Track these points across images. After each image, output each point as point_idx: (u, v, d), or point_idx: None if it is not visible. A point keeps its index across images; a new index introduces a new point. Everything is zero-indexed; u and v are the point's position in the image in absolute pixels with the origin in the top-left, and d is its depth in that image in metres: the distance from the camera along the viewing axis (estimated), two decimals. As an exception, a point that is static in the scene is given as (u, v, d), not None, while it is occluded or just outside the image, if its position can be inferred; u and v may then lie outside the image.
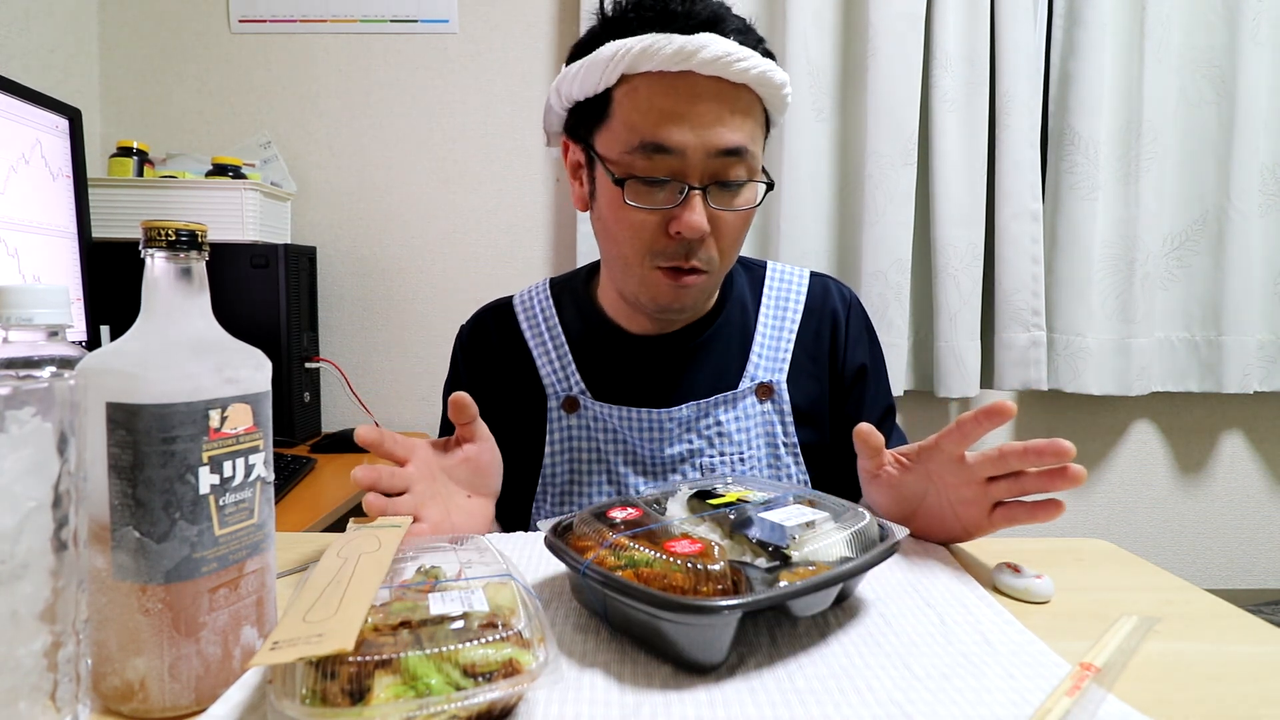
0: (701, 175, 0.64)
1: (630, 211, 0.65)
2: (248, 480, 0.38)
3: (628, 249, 0.67)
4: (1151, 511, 1.59)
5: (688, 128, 0.62)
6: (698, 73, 0.61)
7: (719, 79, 0.62)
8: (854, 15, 1.44)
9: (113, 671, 0.36)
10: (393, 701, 0.31)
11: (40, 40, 1.34)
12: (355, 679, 0.32)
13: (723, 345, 0.76)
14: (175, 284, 0.38)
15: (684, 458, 0.73)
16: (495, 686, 0.33)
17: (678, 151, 0.62)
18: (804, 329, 0.77)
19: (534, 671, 0.34)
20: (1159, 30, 1.42)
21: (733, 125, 0.63)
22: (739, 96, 0.64)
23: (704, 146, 0.62)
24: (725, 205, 0.65)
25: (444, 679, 0.32)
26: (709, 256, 0.67)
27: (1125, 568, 0.59)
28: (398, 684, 0.32)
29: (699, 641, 0.40)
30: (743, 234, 0.69)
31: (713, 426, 0.73)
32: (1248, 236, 1.45)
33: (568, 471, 0.75)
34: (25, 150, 0.94)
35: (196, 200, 1.29)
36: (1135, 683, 0.40)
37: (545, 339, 0.77)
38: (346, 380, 1.52)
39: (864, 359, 0.79)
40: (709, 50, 0.60)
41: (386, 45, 1.51)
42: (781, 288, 0.79)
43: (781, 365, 0.76)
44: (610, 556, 0.43)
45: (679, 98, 0.62)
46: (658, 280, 0.67)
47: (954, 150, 1.41)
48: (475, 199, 1.53)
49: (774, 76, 0.64)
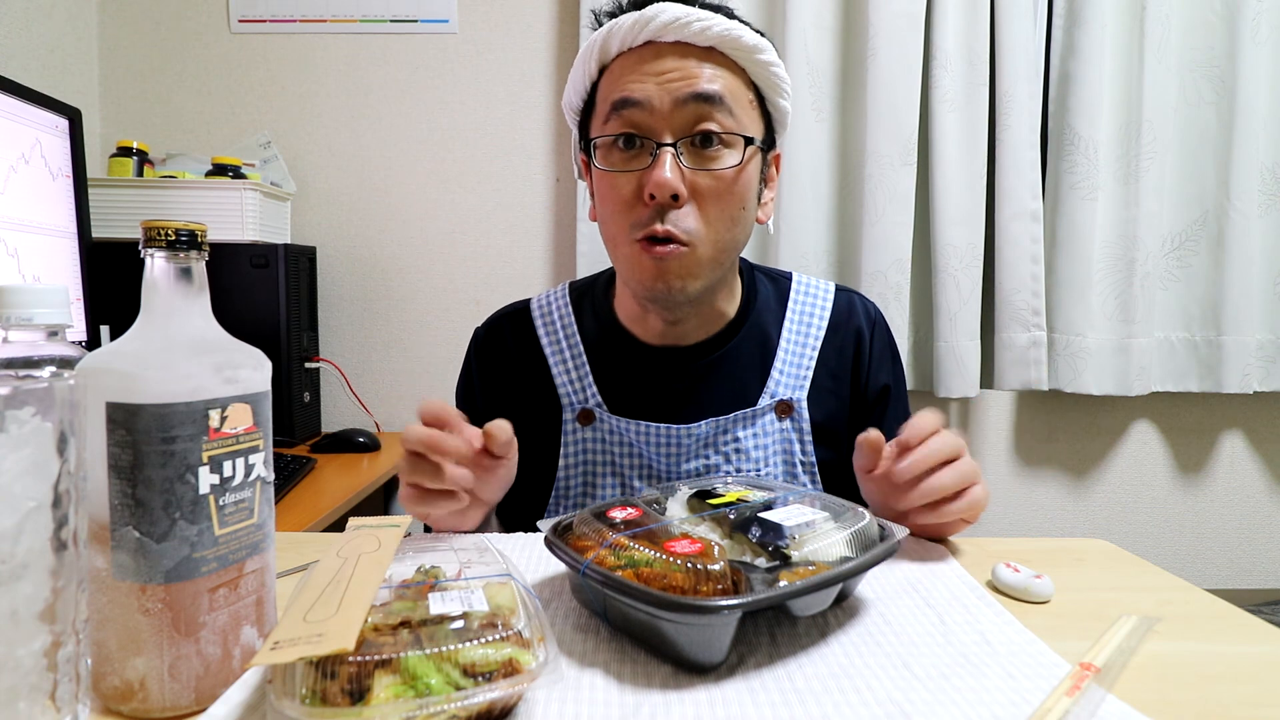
0: (672, 129, 0.62)
1: (610, 183, 0.65)
2: (248, 480, 0.38)
3: (613, 225, 0.66)
4: (1151, 511, 1.59)
5: (651, 82, 0.62)
6: (660, 40, 0.63)
7: (684, 43, 0.63)
8: (854, 15, 1.44)
9: (112, 671, 0.36)
10: (392, 701, 0.31)
11: (40, 40, 1.34)
12: (355, 679, 0.32)
13: (744, 360, 0.74)
14: (175, 284, 0.38)
15: (700, 473, 0.72)
16: (495, 686, 0.33)
17: (642, 103, 0.62)
18: (827, 345, 0.75)
19: (534, 671, 0.34)
20: (1159, 30, 1.42)
21: (704, 77, 0.62)
22: (709, 57, 0.63)
23: (670, 95, 0.62)
24: (701, 164, 0.63)
25: (444, 679, 0.32)
26: (688, 226, 0.63)
27: (1125, 568, 0.59)
28: (397, 684, 0.32)
29: (699, 641, 0.40)
30: (733, 208, 0.65)
31: (730, 443, 0.72)
32: (1248, 236, 1.45)
33: (581, 484, 0.74)
34: (25, 150, 0.94)
35: (196, 200, 1.29)
36: (1135, 683, 0.40)
37: (563, 348, 0.75)
38: (346, 380, 1.52)
39: (887, 379, 0.77)
40: (664, 15, 0.61)
41: (386, 45, 1.51)
42: (807, 302, 0.77)
43: (803, 383, 0.73)
44: (610, 556, 0.43)
45: (644, 62, 0.63)
46: (639, 255, 0.64)
47: (954, 150, 1.41)
48: (475, 199, 1.53)
49: (743, 38, 0.64)
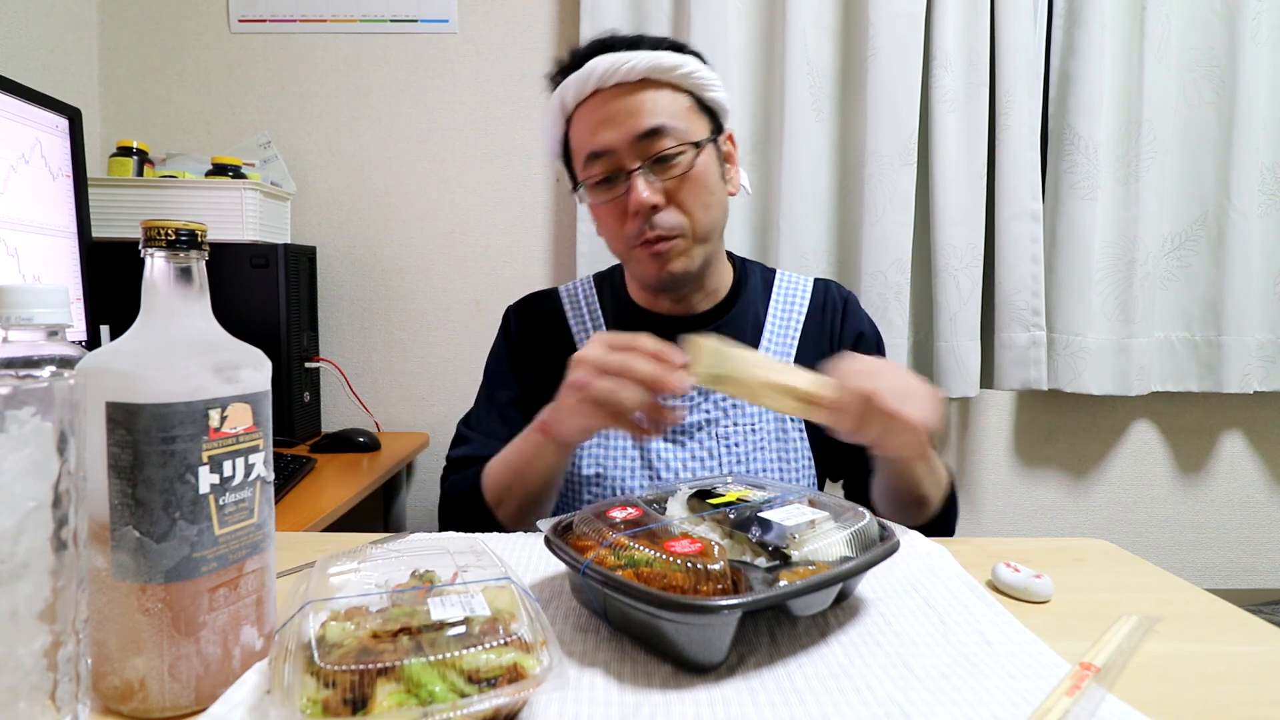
0: (635, 157, 0.76)
1: (602, 210, 0.80)
2: (247, 480, 0.38)
3: (615, 244, 0.81)
4: (1151, 511, 1.59)
5: (609, 129, 0.76)
6: (602, 89, 0.76)
7: (619, 84, 0.76)
8: (854, 15, 1.44)
9: (113, 671, 0.36)
10: (395, 710, 0.31)
11: (40, 40, 1.33)
12: (356, 687, 0.32)
13: (738, 330, 0.85)
14: (175, 284, 0.38)
15: (701, 426, 0.83)
16: (500, 692, 0.32)
17: (608, 150, 0.76)
18: (809, 321, 0.88)
19: (539, 676, 0.33)
20: (1159, 30, 1.42)
21: (647, 112, 0.75)
22: (644, 88, 0.76)
23: (625, 136, 0.75)
24: (665, 175, 0.76)
25: (447, 686, 0.32)
26: (673, 222, 0.76)
27: (1125, 568, 0.59)
28: (400, 692, 0.32)
29: (699, 641, 0.40)
30: (704, 195, 0.78)
31: (727, 398, 0.83)
32: (1248, 236, 1.45)
33: (597, 435, 0.83)
34: (25, 150, 0.94)
35: (196, 200, 1.29)
36: (1135, 683, 0.40)
37: (585, 319, 0.89)
38: (346, 380, 1.52)
39: (862, 328, 0.89)
40: (598, 69, 0.75)
41: (386, 45, 1.51)
42: (789, 288, 0.90)
43: (790, 349, 0.86)
44: (610, 556, 0.43)
45: (599, 111, 0.77)
46: (642, 258, 0.79)
47: (954, 150, 1.41)
48: (475, 199, 1.53)
49: (661, 62, 0.76)
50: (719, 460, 0.82)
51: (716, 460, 0.82)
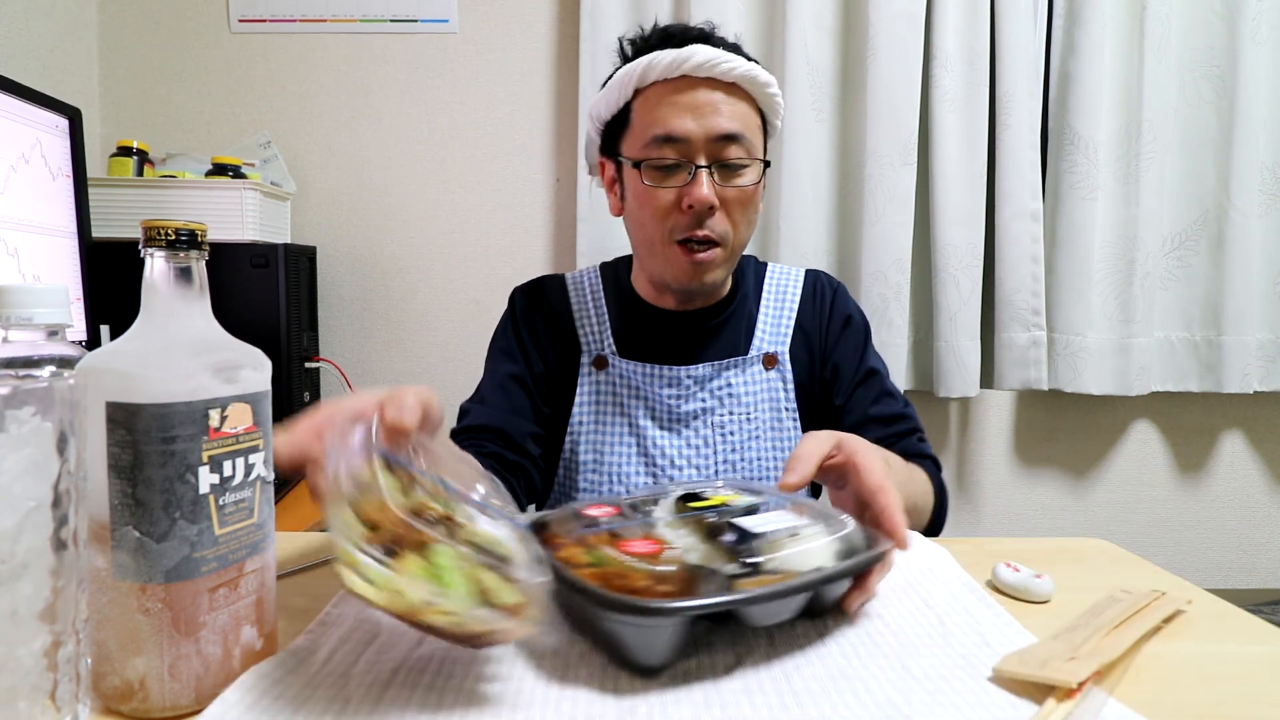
0: (706, 157, 0.76)
1: (651, 194, 0.77)
2: (248, 480, 0.38)
3: (652, 230, 0.79)
4: (1151, 511, 1.59)
5: (690, 118, 0.75)
6: (693, 75, 0.75)
7: (711, 79, 0.76)
8: (854, 15, 1.44)
9: (113, 671, 0.36)
10: (419, 579, 0.33)
11: (40, 40, 1.33)
12: (397, 541, 0.34)
13: (735, 326, 0.87)
14: (175, 283, 0.38)
15: (698, 414, 0.83)
16: (503, 618, 0.35)
17: (683, 138, 0.75)
18: (802, 311, 0.89)
19: (537, 629, 0.36)
20: (1159, 30, 1.42)
21: (728, 115, 0.76)
22: (731, 92, 0.77)
23: (705, 132, 0.75)
24: (729, 182, 0.77)
25: (468, 589, 0.35)
26: (722, 230, 0.77)
27: (1125, 568, 0.59)
28: (426, 567, 0.34)
29: (639, 643, 0.39)
30: (751, 213, 0.80)
31: (724, 387, 0.84)
32: (1248, 236, 1.45)
33: (594, 422, 0.85)
34: (25, 150, 0.94)
35: (196, 200, 1.29)
36: (1135, 683, 0.40)
37: (589, 306, 0.89)
38: (346, 380, 1.52)
39: (850, 312, 0.90)
40: (698, 56, 0.74)
41: (386, 45, 1.51)
42: (781, 281, 0.91)
43: (784, 339, 0.87)
44: (582, 554, 0.43)
45: (680, 96, 0.76)
46: (678, 257, 0.78)
47: (954, 150, 1.41)
48: (475, 199, 1.53)
49: (758, 75, 0.77)
50: (714, 449, 0.83)
51: (712, 449, 0.82)
